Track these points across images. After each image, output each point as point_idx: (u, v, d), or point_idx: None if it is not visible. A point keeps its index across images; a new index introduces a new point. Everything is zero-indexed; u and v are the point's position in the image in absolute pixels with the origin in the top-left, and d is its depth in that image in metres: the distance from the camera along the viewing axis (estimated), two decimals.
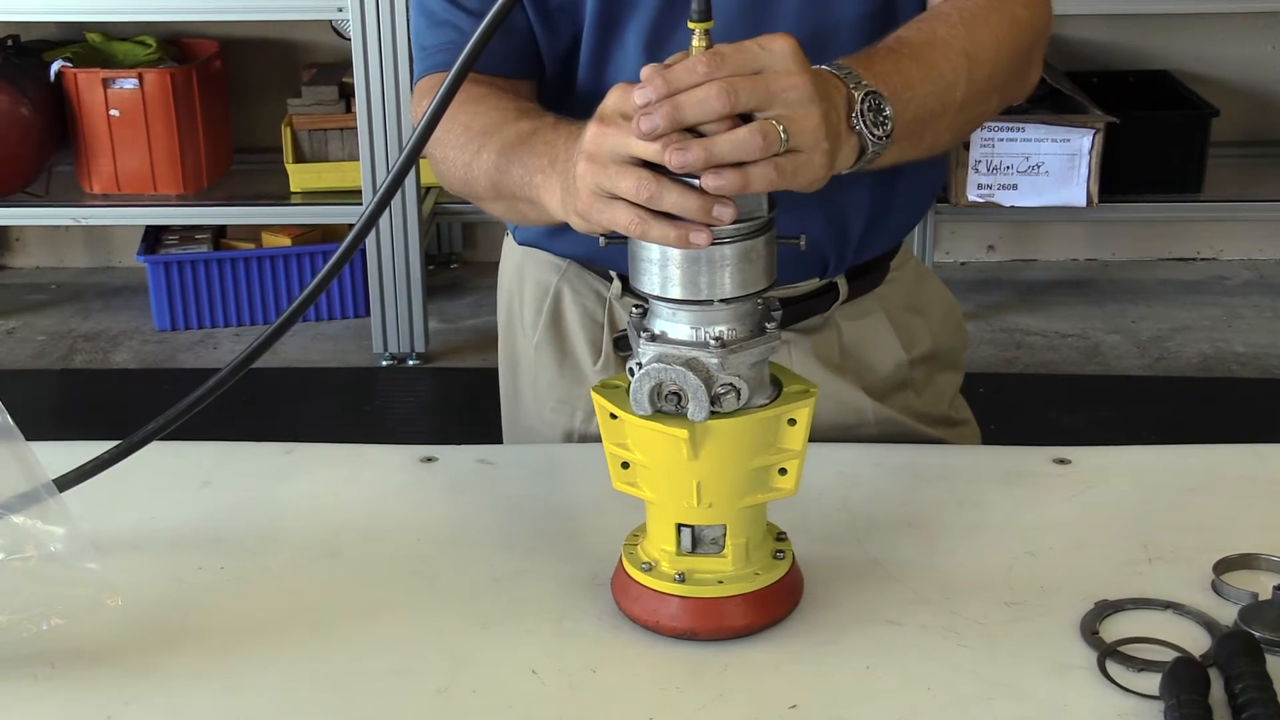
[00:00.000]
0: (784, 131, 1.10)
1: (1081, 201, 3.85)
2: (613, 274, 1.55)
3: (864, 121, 1.20)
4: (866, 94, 1.20)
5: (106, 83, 3.93)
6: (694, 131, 1.09)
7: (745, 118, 1.10)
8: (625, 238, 1.13)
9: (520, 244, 1.62)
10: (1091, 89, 4.01)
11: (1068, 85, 3.95)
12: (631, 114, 1.11)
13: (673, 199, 1.09)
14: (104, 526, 1.28)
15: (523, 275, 1.62)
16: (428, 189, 4.04)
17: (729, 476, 1.14)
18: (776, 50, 1.11)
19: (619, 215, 1.12)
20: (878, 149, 1.21)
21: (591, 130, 1.15)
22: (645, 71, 1.10)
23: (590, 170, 1.14)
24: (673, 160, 1.08)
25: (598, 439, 1.18)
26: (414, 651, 1.16)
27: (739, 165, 1.09)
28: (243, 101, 4.27)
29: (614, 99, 1.14)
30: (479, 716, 1.10)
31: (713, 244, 1.10)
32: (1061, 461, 1.42)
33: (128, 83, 3.94)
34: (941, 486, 1.39)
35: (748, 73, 1.10)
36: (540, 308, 1.60)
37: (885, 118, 1.21)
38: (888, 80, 1.23)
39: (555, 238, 1.56)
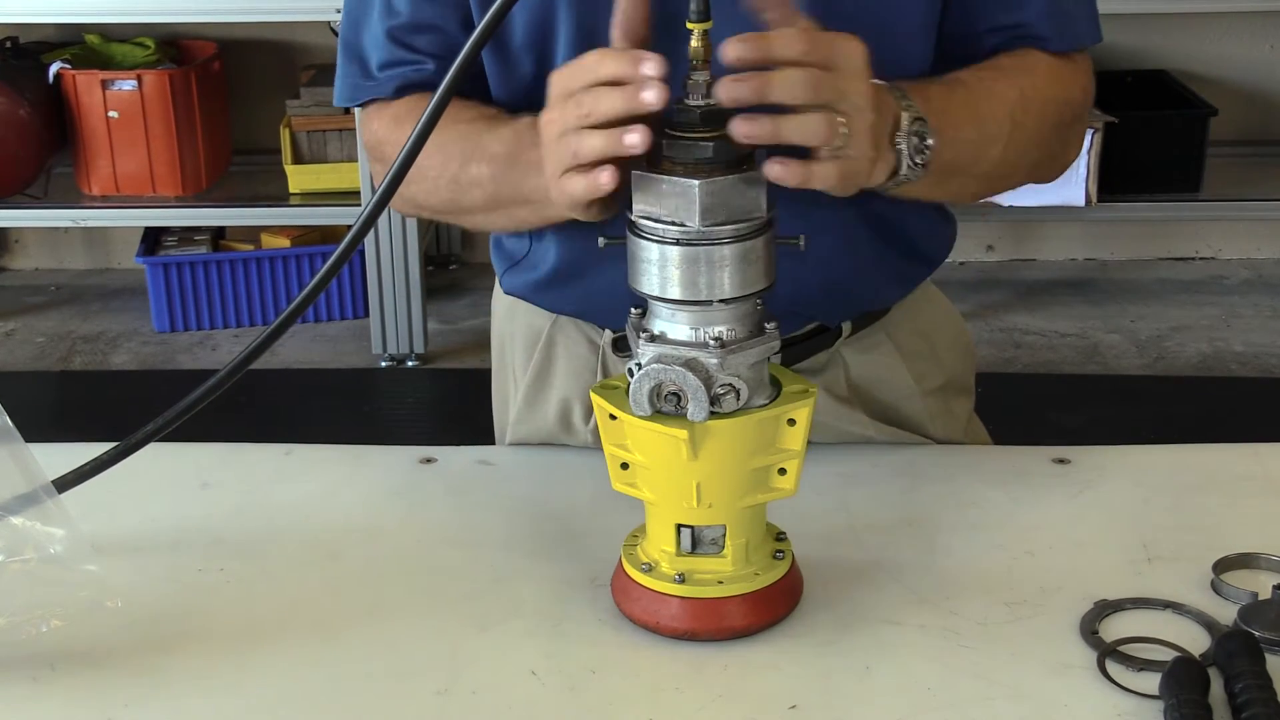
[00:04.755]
0: (844, 128, 1.11)
1: (1080, 201, 3.85)
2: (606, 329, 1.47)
3: (907, 144, 1.20)
4: (915, 119, 1.21)
5: (105, 84, 3.93)
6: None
7: None
8: (624, 237, 1.13)
9: (508, 294, 1.55)
10: None
11: None
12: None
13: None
14: (103, 528, 1.27)
15: (514, 314, 1.55)
16: None
17: (729, 477, 1.14)
18: (851, 52, 1.13)
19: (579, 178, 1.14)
20: (910, 175, 1.22)
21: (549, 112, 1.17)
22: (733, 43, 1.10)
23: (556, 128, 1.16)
24: (739, 130, 1.08)
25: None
26: (414, 652, 1.16)
27: (803, 156, 1.10)
28: (241, 103, 4.27)
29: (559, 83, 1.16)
30: (479, 717, 1.10)
31: (712, 244, 1.10)
32: (1061, 461, 1.42)
33: (126, 84, 3.94)
34: (941, 486, 1.39)
35: (827, 66, 1.11)
36: (530, 353, 1.53)
37: (927, 146, 1.21)
38: (938, 115, 1.23)
39: (542, 292, 1.49)
